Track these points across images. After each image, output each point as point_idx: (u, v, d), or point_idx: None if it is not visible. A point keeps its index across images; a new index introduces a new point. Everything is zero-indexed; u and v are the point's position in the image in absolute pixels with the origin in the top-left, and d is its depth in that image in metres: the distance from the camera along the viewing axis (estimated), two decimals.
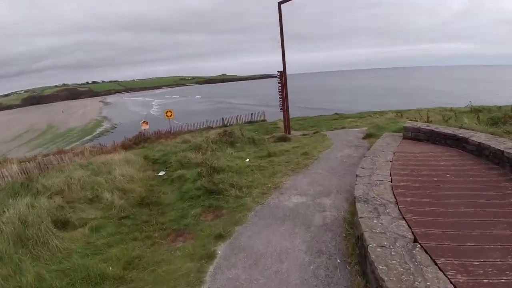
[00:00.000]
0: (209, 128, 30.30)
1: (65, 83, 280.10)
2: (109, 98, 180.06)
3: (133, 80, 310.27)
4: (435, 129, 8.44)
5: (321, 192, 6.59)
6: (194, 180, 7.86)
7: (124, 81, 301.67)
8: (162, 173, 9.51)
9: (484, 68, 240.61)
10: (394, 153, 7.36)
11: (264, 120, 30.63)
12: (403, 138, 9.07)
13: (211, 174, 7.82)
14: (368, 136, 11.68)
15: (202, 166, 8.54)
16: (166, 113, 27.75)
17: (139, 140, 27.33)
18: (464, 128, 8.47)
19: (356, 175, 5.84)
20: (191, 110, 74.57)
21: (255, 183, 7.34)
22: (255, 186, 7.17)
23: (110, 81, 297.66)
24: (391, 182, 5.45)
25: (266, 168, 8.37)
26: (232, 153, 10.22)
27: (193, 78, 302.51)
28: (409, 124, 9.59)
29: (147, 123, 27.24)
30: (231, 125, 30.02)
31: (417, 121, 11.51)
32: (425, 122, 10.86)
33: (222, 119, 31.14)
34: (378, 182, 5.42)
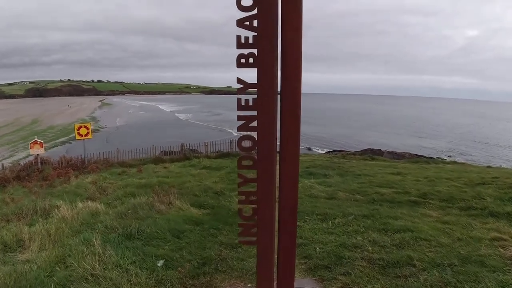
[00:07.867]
0: (159, 158, 18.50)
1: (70, 78, 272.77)
2: (110, 99, 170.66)
3: (139, 83, 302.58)
4: None
5: None
6: None
7: (129, 83, 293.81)
8: None
9: (490, 104, 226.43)
10: None
11: None
12: None
13: None
14: None
15: None
16: (78, 130, 16.01)
17: (26, 174, 15.80)
18: None
19: None
20: (168, 124, 62.89)
21: None
22: None
23: (116, 82, 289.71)
24: None
25: None
26: None
27: (198, 87, 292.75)
28: None
29: (41, 144, 15.48)
30: (195, 156, 18.21)
31: None
32: None
33: (182, 145, 19.28)
34: None
